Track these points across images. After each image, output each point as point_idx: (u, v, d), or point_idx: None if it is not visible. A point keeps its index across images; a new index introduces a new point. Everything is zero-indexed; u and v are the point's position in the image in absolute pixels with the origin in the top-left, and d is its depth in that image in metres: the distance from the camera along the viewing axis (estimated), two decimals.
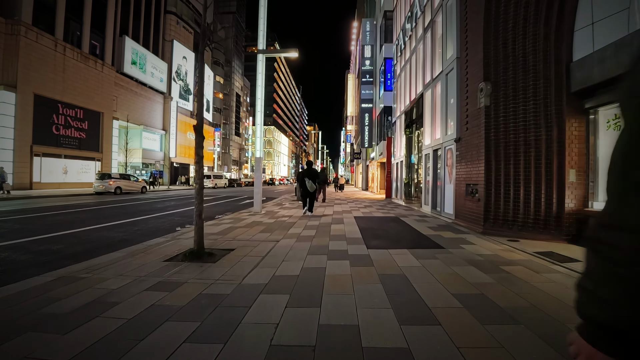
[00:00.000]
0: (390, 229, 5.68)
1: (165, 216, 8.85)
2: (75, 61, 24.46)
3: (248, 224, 6.61)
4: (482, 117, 5.25)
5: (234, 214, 8.48)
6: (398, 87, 13.55)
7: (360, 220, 6.93)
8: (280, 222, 6.72)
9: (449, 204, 7.10)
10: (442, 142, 7.57)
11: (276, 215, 8.11)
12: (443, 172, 7.47)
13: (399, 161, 13.02)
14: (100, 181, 18.69)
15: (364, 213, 8.35)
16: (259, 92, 8.91)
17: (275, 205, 11.30)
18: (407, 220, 6.84)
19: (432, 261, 3.51)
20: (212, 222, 6.90)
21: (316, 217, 7.58)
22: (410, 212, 8.75)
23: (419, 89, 10.04)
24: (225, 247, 4.40)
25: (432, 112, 8.49)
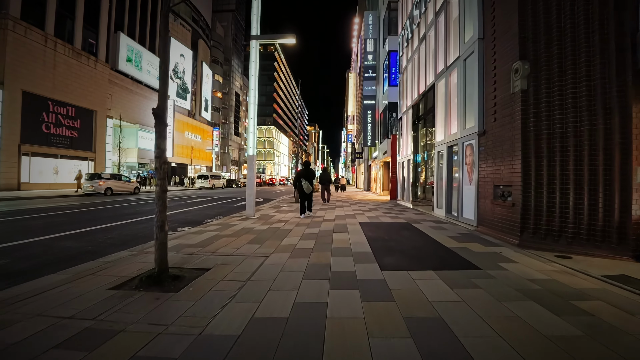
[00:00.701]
0: (405, 240, 4.73)
1: (149, 220, 7.92)
2: (66, 57, 23.61)
3: (236, 231, 5.68)
4: (517, 104, 4.31)
5: (224, 219, 7.56)
6: (404, 80, 12.61)
7: (366, 227, 5.98)
8: (274, 229, 5.79)
9: (468, 208, 6.16)
10: (460, 138, 6.63)
11: (271, 220, 7.17)
12: (461, 171, 6.53)
13: (405, 160, 12.07)
14: (90, 182, 17.80)
15: (369, 218, 7.40)
16: (252, 83, 7.99)
17: (272, 207, 10.37)
18: (421, 227, 5.89)
19: (473, 292, 2.57)
20: (197, 229, 5.97)
21: (316, 222, 6.64)
22: (422, 216, 7.80)
23: (429, 80, 9.10)
24: (199, 266, 3.46)
25: (445, 104, 7.55)
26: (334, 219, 7.23)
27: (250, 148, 7.90)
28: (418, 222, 6.58)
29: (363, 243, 4.44)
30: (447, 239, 4.79)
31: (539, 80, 4.13)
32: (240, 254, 3.97)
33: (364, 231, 5.42)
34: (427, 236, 5.00)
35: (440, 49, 8.10)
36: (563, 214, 3.89)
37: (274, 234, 5.37)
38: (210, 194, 21.98)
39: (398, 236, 4.99)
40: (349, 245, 4.34)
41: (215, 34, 51.58)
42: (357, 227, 5.95)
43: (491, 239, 4.75)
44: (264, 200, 15.23)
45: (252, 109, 7.89)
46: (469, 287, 2.67)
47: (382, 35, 18.24)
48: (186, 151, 39.18)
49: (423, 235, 5.06)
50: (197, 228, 6.15)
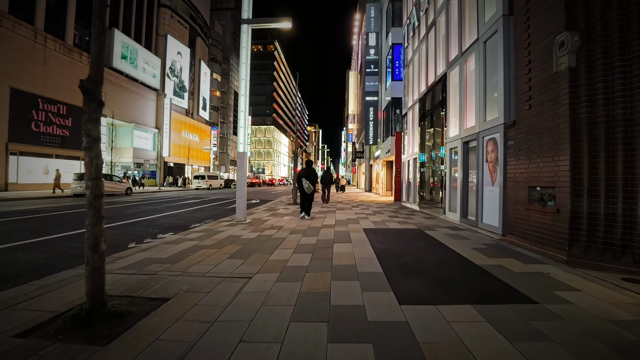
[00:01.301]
0: (421, 254, 3.87)
1: (128, 226, 7.08)
2: (57, 53, 22.82)
3: (220, 240, 4.83)
4: (562, 86, 3.46)
5: (212, 224, 6.71)
6: (409, 74, 11.76)
7: (372, 235, 5.12)
8: (265, 238, 4.93)
9: (491, 213, 5.30)
10: (478, 132, 5.77)
11: (263, 225, 6.32)
12: (480, 169, 5.67)
13: (410, 159, 11.21)
14: (79, 182, 16.95)
15: (375, 223, 6.53)
16: (243, 72, 7.14)
17: (267, 210, 9.51)
18: (436, 236, 5.03)
19: (543, 347, 1.71)
20: (175, 237, 5.12)
21: (314, 229, 5.79)
22: (433, 221, 6.94)
23: (439, 70, 8.25)
24: (157, 295, 2.61)
25: (460, 95, 6.70)
26: (334, 224, 6.38)
27: (240, 145, 7.05)
28: (431, 229, 5.71)
29: (371, 258, 3.58)
30: (473, 252, 3.92)
31: (593, 54, 3.28)
32: (216, 274, 3.12)
33: (370, 241, 4.56)
34: (447, 248, 4.14)
35: (453, 34, 7.25)
36: (628, 223, 3.03)
37: (264, 244, 4.51)
38: (206, 194, 21.14)
39: (412, 248, 4.12)
40: (353, 261, 3.48)
41: (214, 32, 50.77)
42: (362, 235, 5.09)
43: (527, 252, 3.89)
44: (260, 202, 14.38)
45: (243, 101, 7.05)
46: (533, 339, 1.81)
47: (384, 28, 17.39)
48: (183, 151, 38.34)
49: (442, 247, 4.19)
50: (176, 236, 5.30)
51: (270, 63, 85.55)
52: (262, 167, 78.21)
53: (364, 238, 4.79)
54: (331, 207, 10.47)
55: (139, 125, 32.29)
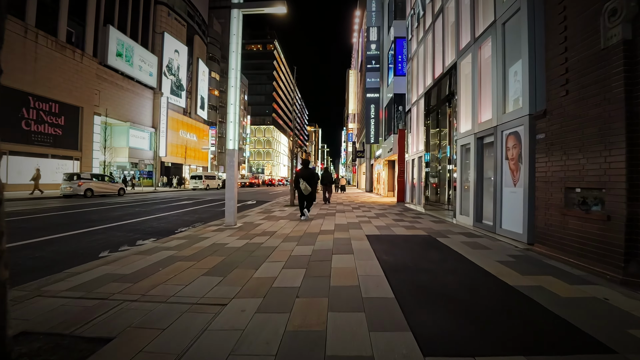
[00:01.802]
0: (439, 269, 3.20)
1: (108, 230, 6.44)
2: (49, 50, 22.14)
3: (201, 250, 4.17)
4: (613, 64, 2.80)
5: (198, 228, 6.06)
6: (413, 68, 11.10)
7: (377, 243, 4.46)
8: (253, 247, 4.27)
9: (513, 218, 4.63)
10: (496, 125, 5.11)
11: (254, 231, 5.65)
12: (498, 168, 5.01)
13: (415, 157, 10.55)
14: (68, 182, 16.33)
15: (379, 228, 5.87)
16: (232, 61, 6.49)
17: (261, 212, 8.84)
18: (451, 245, 4.36)
19: None
20: (151, 246, 4.47)
21: (310, 235, 5.12)
22: (442, 225, 6.28)
23: (448, 60, 7.60)
24: (96, 333, 1.95)
25: (473, 86, 6.03)
26: (333, 229, 5.71)
27: (230, 141, 6.39)
28: (443, 236, 5.04)
29: (378, 276, 2.91)
30: (500, 267, 3.26)
31: None
32: (182, 299, 2.46)
33: (375, 251, 3.89)
34: (467, 261, 3.47)
35: (465, 19, 6.59)
36: None
37: (250, 255, 3.85)
38: (202, 195, 20.49)
39: (426, 261, 3.45)
40: (356, 280, 2.81)
41: (212, 31, 50.13)
42: (365, 243, 4.42)
43: (566, 267, 3.23)
44: (257, 203, 13.73)
45: (233, 93, 6.39)
46: None
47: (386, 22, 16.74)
48: (181, 150, 37.70)
49: (462, 260, 3.52)
50: (155, 243, 4.65)
51: (270, 62, 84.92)
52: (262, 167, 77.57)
53: (367, 247, 4.12)
54: (331, 209, 9.81)
55: (135, 125, 31.64)
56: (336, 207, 10.50)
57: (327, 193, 12.13)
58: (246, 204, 13.65)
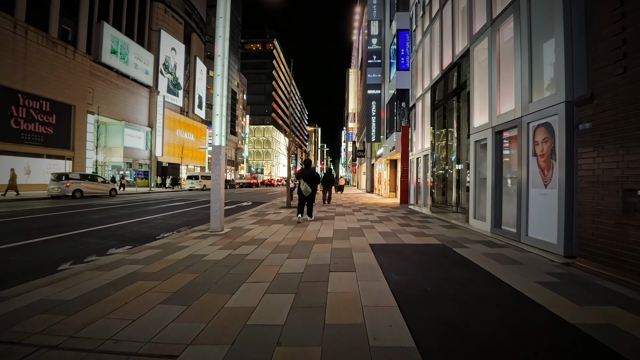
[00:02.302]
0: (467, 296, 2.48)
1: (81, 236, 5.75)
2: (40, 46, 21.44)
3: (173, 264, 3.47)
4: None
5: (179, 235, 5.35)
6: (418, 60, 10.40)
7: (384, 255, 3.75)
8: (235, 260, 3.56)
9: (543, 224, 3.92)
10: (521, 116, 4.40)
11: (242, 237, 4.94)
12: (524, 166, 4.30)
13: (420, 156, 9.84)
14: (56, 183, 15.60)
15: (384, 235, 5.15)
16: (219, 47, 5.79)
17: (254, 215, 8.13)
18: (473, 258, 3.64)
19: None
20: (117, 258, 3.77)
21: (305, 245, 4.41)
22: (456, 231, 5.56)
23: (458, 48, 6.89)
24: None
25: (491, 74, 5.32)
26: (332, 236, 5.00)
27: (216, 136, 5.68)
28: (460, 245, 4.32)
29: (389, 309, 2.20)
30: (545, 291, 2.54)
31: None
32: (120, 346, 1.75)
33: (382, 268, 3.18)
34: (502, 284, 2.75)
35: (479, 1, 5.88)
36: None
37: (229, 272, 3.14)
38: (197, 196, 19.77)
39: (449, 284, 2.74)
40: (360, 315, 2.09)
41: (210, 29, 49.44)
42: (369, 256, 3.70)
43: (627, 290, 2.52)
44: (252, 204, 13.02)
45: (219, 83, 5.69)
46: None
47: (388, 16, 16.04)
48: (178, 150, 37.01)
49: (492, 281, 2.81)
50: (122, 255, 3.95)
51: (269, 62, 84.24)
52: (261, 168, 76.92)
53: (372, 262, 3.40)
54: (330, 212, 9.10)
55: (131, 124, 30.95)
56: (335, 210, 9.79)
57: (327, 193, 12.05)
58: (241, 205, 12.95)
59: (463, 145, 8.16)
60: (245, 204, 13.27)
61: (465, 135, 7.86)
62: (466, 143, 7.93)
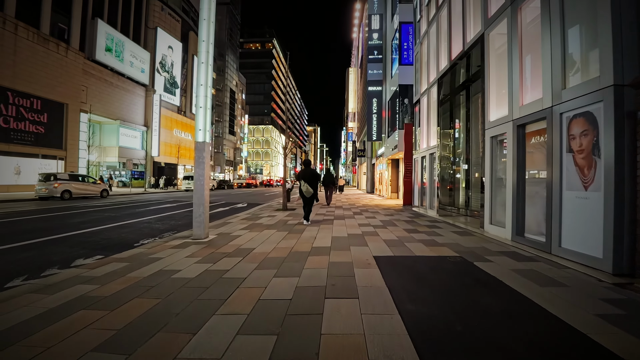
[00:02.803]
0: (512, 343, 1.83)
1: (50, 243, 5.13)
2: (30, 43, 20.80)
3: (135, 283, 2.83)
4: None
5: (157, 243, 4.71)
6: (422, 53, 9.76)
7: (392, 273, 3.09)
8: (210, 280, 2.90)
9: (583, 234, 3.27)
10: (552, 106, 3.75)
11: (225, 248, 4.28)
12: (556, 165, 3.65)
13: (426, 154, 9.19)
14: (44, 184, 14.95)
15: (390, 244, 4.50)
16: (203, 32, 5.13)
17: (246, 219, 7.47)
18: (504, 277, 2.99)
19: None
20: (71, 274, 3.13)
21: (297, 257, 3.75)
22: (471, 239, 4.90)
23: (470, 35, 6.25)
24: None
25: (511, 60, 4.67)
26: (329, 246, 4.33)
27: (199, 131, 5.03)
28: (481, 258, 3.67)
29: None
30: (614, 330, 1.89)
31: None
32: None
33: (392, 292, 2.52)
34: (551, 317, 2.09)
35: None
36: None
37: (199, 297, 2.48)
38: (192, 197, 19.10)
39: (481, 318, 2.08)
40: None
41: None
42: (375, 273, 3.04)
43: None
44: (247, 206, 12.37)
45: (204, 72, 5.04)
46: None
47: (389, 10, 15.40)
48: (175, 150, 36.35)
49: (539, 314, 2.15)
50: (79, 270, 3.33)
51: (269, 61, 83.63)
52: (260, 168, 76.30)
53: (379, 283, 2.74)
54: (328, 214, 8.44)
55: (126, 123, 30.30)
56: (334, 212, 9.13)
57: (328, 193, 11.95)
58: (235, 207, 12.30)
59: (474, 141, 7.51)
60: (240, 206, 12.62)
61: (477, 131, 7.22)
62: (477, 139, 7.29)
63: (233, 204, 13.50)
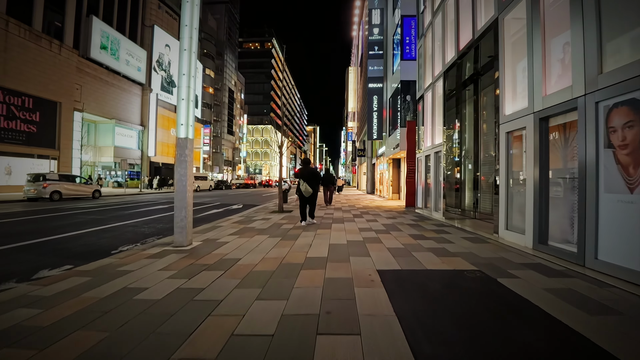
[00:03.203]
0: None
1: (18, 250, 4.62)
2: (21, 39, 20.26)
3: (91, 305, 2.29)
4: None
5: (133, 251, 4.17)
6: (427, 46, 9.24)
7: (401, 295, 2.55)
8: (178, 304, 2.36)
9: (630, 245, 2.74)
10: (585, 94, 3.22)
11: (207, 258, 3.75)
12: (591, 162, 3.12)
13: (430, 153, 8.66)
14: (32, 184, 14.42)
15: (395, 254, 3.96)
16: (186, 15, 4.60)
17: (238, 223, 6.93)
18: (537, 300, 2.44)
19: None
20: (20, 292, 2.58)
21: (288, 271, 3.22)
22: (487, 248, 4.37)
23: (481, 21, 5.72)
24: None
25: (532, 45, 4.14)
26: (326, 256, 3.79)
27: (181, 126, 4.50)
28: (504, 273, 3.13)
29: None
30: None
31: None
32: None
33: (403, 325, 1.98)
34: None
35: None
36: None
37: (155, 332, 1.94)
38: None
39: None
40: None
41: (207, 26, 48.31)
42: (380, 296, 2.50)
43: None
44: (242, 207, 11.83)
45: (186, 59, 4.51)
46: None
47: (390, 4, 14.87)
48: (172, 150, 35.78)
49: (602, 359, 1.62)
50: (26, 288, 2.77)
51: (268, 61, 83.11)
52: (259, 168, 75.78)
53: (386, 310, 2.20)
54: (326, 217, 7.91)
55: (122, 122, 29.77)
56: (333, 215, 8.59)
57: (328, 194, 11.82)
58: (230, 208, 11.77)
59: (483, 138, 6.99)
60: (235, 207, 12.08)
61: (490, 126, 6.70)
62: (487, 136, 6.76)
63: (228, 205, 12.96)
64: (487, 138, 6.80)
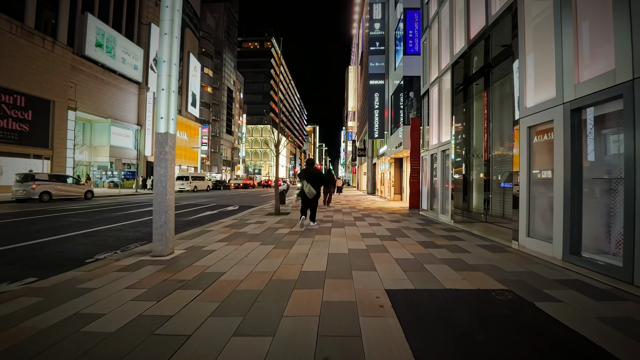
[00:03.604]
0: None
1: None
2: (13, 36, 19.73)
3: (31, 336, 1.74)
4: None
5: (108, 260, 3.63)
6: (432, 38, 8.71)
7: (422, 333, 2.02)
8: (136, 337, 1.83)
9: None
10: (632, 79, 2.70)
11: (186, 271, 3.21)
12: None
13: (437, 152, 8.13)
14: (21, 185, 13.90)
15: (405, 266, 3.43)
16: None
17: (230, 226, 6.39)
18: (599, 340, 1.92)
19: None
20: None
21: (279, 289, 2.69)
22: (507, 257, 3.84)
23: (496, 6, 5.19)
24: None
25: (561, 27, 3.61)
26: (324, 270, 3.27)
27: (161, 120, 3.98)
28: (541, 294, 2.60)
29: None
30: None
31: None
32: None
33: None
34: None
35: None
36: None
37: None
38: (182, 198, 18.01)
39: None
40: None
41: (205, 24, 47.75)
42: (392, 327, 1.98)
43: None
44: (239, 209, 11.30)
45: (166, 44, 3.99)
46: None
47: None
48: None
49: None
50: None
51: (267, 61, 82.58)
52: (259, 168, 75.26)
53: (402, 354, 1.68)
54: (326, 220, 7.38)
55: (118, 121, 29.25)
56: (333, 217, 8.06)
57: (327, 194, 11.66)
58: (225, 210, 11.24)
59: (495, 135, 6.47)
60: (231, 209, 11.55)
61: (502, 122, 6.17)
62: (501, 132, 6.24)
63: (223, 207, 12.43)
64: (500, 134, 6.27)
